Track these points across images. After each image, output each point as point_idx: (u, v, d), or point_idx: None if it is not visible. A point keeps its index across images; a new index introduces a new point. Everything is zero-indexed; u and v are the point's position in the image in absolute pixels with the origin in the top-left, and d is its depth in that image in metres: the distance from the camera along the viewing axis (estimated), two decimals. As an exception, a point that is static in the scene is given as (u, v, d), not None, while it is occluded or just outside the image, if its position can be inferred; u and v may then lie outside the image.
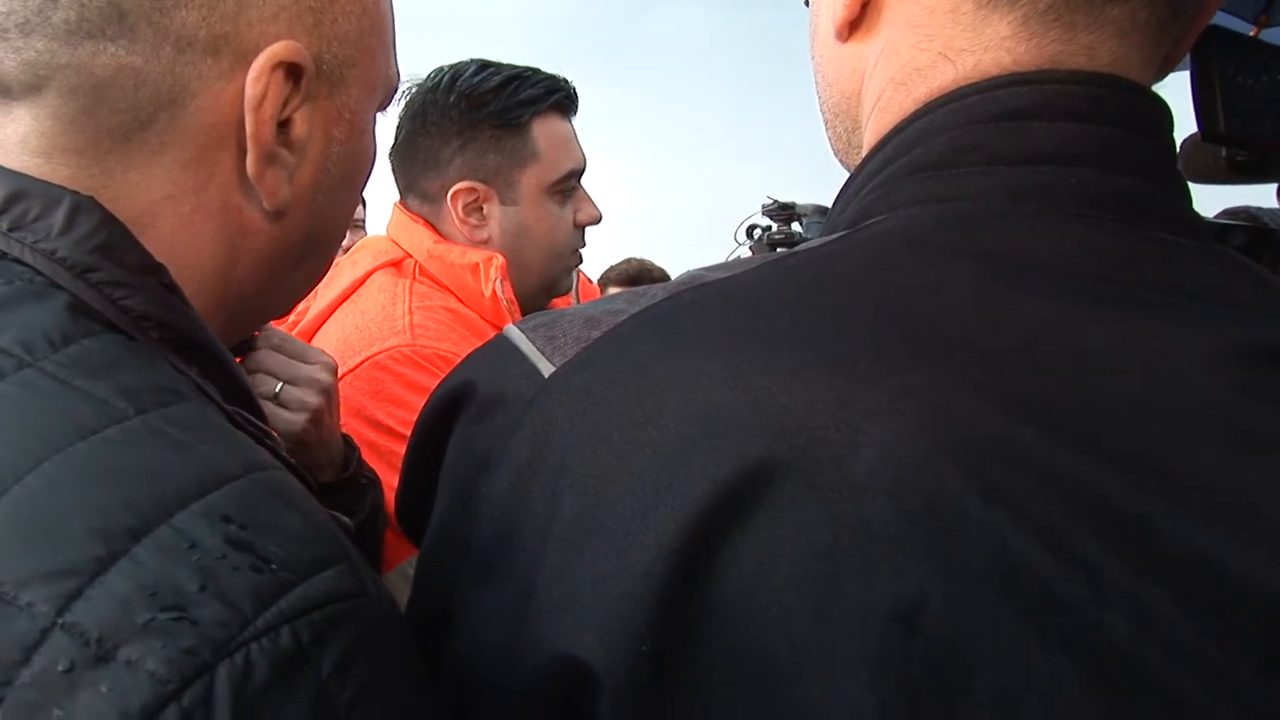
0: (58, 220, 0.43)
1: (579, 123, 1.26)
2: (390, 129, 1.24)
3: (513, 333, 0.43)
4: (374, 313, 1.10)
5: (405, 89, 1.21)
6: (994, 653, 0.31)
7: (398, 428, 1.00)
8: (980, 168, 0.42)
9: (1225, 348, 0.37)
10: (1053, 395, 0.35)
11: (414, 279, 1.16)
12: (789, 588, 0.33)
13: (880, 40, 0.48)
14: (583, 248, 1.28)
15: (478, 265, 1.15)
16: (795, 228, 2.14)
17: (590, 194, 1.26)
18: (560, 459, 0.38)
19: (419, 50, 1.22)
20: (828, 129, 0.55)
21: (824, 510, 0.33)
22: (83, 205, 0.43)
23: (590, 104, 1.28)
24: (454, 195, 1.18)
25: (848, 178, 0.50)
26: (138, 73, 0.44)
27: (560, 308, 0.44)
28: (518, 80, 1.18)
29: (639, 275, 3.06)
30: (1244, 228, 0.63)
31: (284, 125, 0.48)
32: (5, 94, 0.44)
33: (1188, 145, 1.01)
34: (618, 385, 0.38)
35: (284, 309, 0.61)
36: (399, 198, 1.25)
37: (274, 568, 0.33)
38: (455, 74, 1.19)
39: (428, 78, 1.21)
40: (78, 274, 0.42)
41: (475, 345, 1.13)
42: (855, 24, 0.49)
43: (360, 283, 1.17)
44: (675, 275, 0.46)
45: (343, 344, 1.07)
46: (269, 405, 0.79)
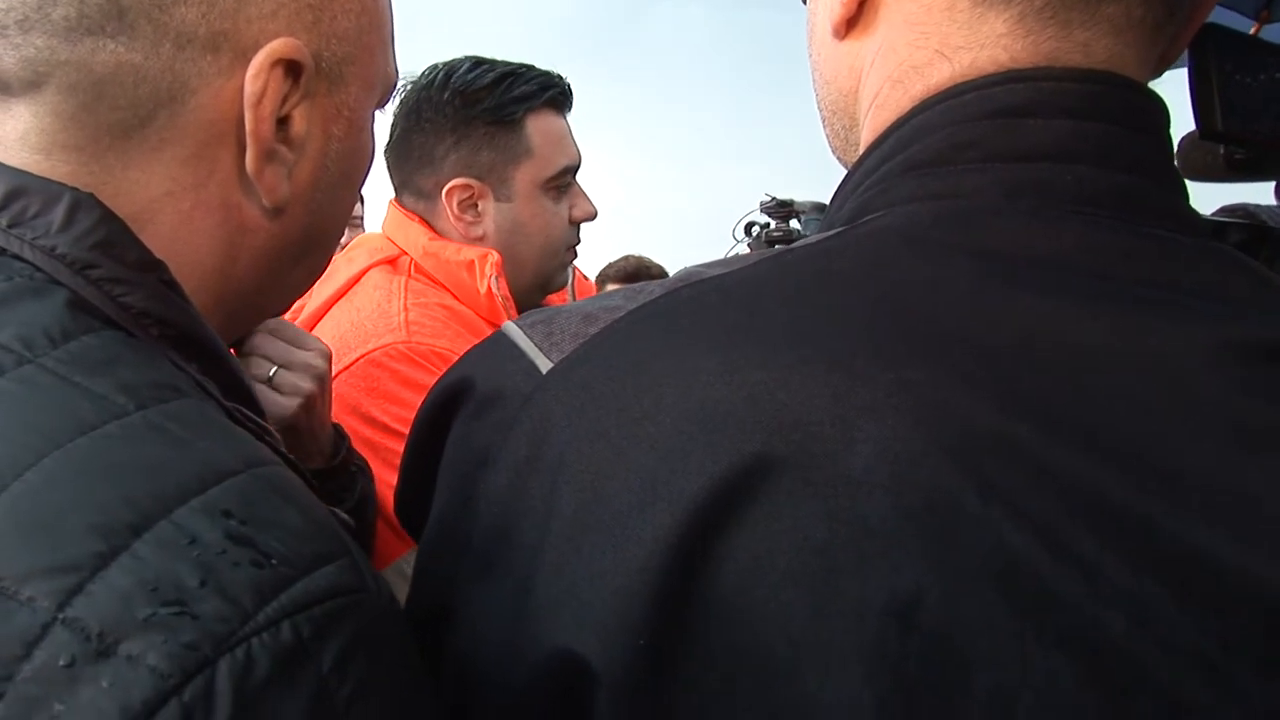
0: (57, 217, 0.43)
1: (578, 121, 1.25)
2: (386, 127, 1.24)
3: (511, 329, 0.43)
4: (369, 310, 1.10)
5: (401, 86, 1.21)
6: (990, 649, 0.31)
7: (393, 425, 1.00)
8: (977, 164, 0.42)
9: (1222, 344, 0.37)
10: (1049, 392, 0.35)
11: (409, 276, 1.16)
12: (786, 583, 0.33)
13: (877, 38, 0.48)
14: (578, 244, 1.28)
15: (473, 262, 1.15)
16: (794, 225, 2.14)
17: (587, 191, 1.26)
18: (558, 455, 0.38)
19: (418, 49, 1.22)
20: (825, 127, 0.55)
21: (820, 505, 0.33)
22: (82, 202, 0.43)
23: (590, 103, 1.28)
24: (449, 192, 1.18)
25: (845, 175, 0.50)
26: (137, 69, 0.44)
27: (558, 305, 0.44)
28: (511, 77, 1.18)
29: (637, 272, 3.05)
30: (1241, 225, 0.63)
31: (283, 122, 0.49)
32: (5, 91, 0.44)
33: (1186, 143, 1.01)
34: (615, 381, 0.38)
35: (283, 306, 0.61)
36: (394, 195, 1.25)
37: (274, 563, 0.33)
38: (449, 71, 1.18)
39: (422, 75, 1.21)
40: (77, 270, 0.42)
41: (471, 342, 1.13)
42: (852, 22, 0.49)
43: (356, 280, 1.17)
44: (673, 272, 0.46)
45: (338, 341, 1.06)
46: (262, 388, 0.79)
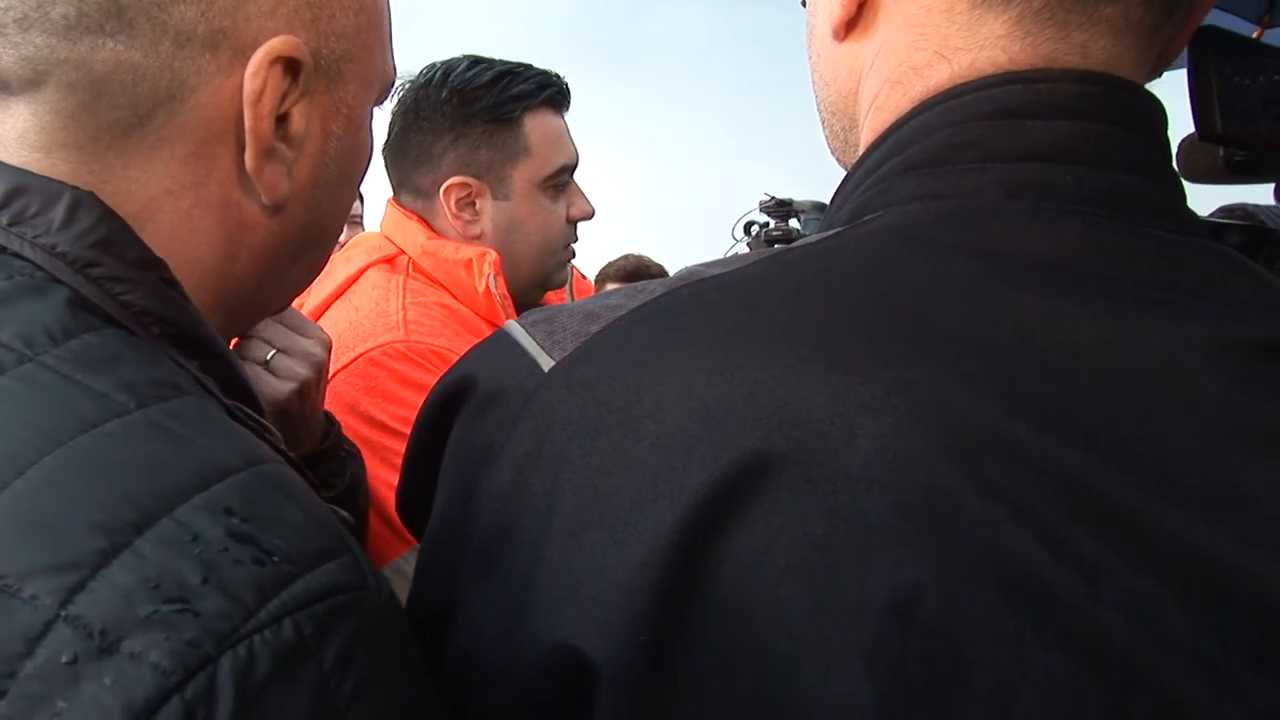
0: (58, 215, 0.43)
1: (577, 120, 1.25)
2: (384, 125, 1.24)
3: (513, 328, 0.43)
4: (368, 309, 1.10)
5: (399, 85, 1.21)
6: (989, 647, 0.31)
7: (392, 423, 1.00)
8: (976, 165, 0.42)
9: (1222, 344, 0.37)
10: (1049, 391, 0.35)
11: (408, 275, 1.16)
12: (786, 579, 0.33)
13: (877, 40, 0.48)
14: (575, 243, 1.28)
15: (471, 261, 1.15)
16: (793, 224, 2.14)
17: (586, 190, 1.26)
18: (560, 452, 0.38)
19: (416, 47, 1.22)
20: (825, 128, 0.56)
21: (820, 502, 0.33)
22: (82, 200, 0.43)
23: (589, 102, 1.28)
24: (446, 190, 1.18)
25: (845, 175, 0.50)
26: (136, 68, 0.44)
27: (557, 304, 0.45)
28: (509, 75, 1.18)
29: (637, 271, 3.05)
30: (1241, 226, 0.63)
31: (282, 120, 0.49)
32: (4, 89, 0.44)
33: (1186, 145, 1.01)
34: (617, 379, 0.38)
35: (282, 304, 0.61)
36: (392, 194, 1.25)
37: (276, 560, 0.33)
38: (447, 70, 1.19)
39: (420, 74, 1.21)
40: (78, 269, 0.42)
41: (469, 341, 1.13)
42: (852, 24, 0.49)
43: (354, 279, 1.16)
44: (673, 271, 0.46)
45: (336, 340, 1.06)
46: (257, 370, 0.79)
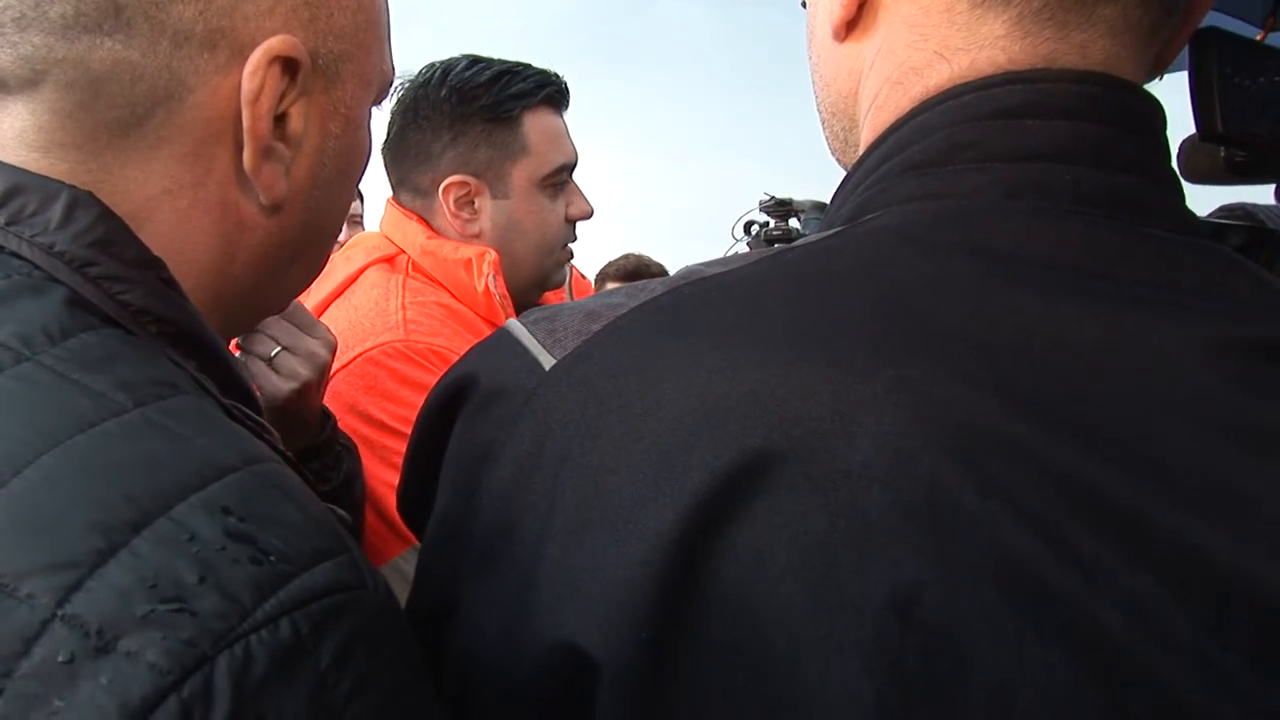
0: (55, 214, 0.43)
1: (579, 119, 1.26)
2: (384, 124, 1.24)
3: (514, 326, 0.43)
4: (367, 308, 1.10)
5: (398, 85, 1.21)
6: (989, 645, 0.31)
7: (391, 423, 1.00)
8: (976, 165, 0.42)
9: (1222, 344, 0.37)
10: (1049, 390, 0.35)
11: (407, 275, 1.16)
12: (786, 577, 0.33)
13: (877, 40, 0.48)
14: (574, 242, 1.28)
15: (470, 260, 1.15)
16: (793, 224, 2.15)
17: (587, 190, 1.27)
18: (561, 450, 0.38)
19: (415, 47, 1.23)
20: (825, 128, 0.56)
21: (820, 500, 0.33)
22: (80, 200, 0.43)
23: (590, 102, 1.29)
24: (445, 189, 1.18)
25: (845, 175, 0.50)
26: (134, 67, 0.44)
27: (557, 303, 0.45)
28: (509, 74, 1.18)
29: (637, 271, 3.05)
30: (1241, 227, 0.63)
31: (280, 120, 0.48)
32: (2, 89, 0.44)
33: (1187, 146, 1.01)
34: (618, 378, 0.38)
35: (281, 304, 0.61)
36: (392, 194, 1.25)
37: (273, 559, 0.33)
38: (446, 69, 1.19)
39: (419, 73, 1.21)
40: (76, 268, 0.42)
41: (469, 341, 1.13)
42: (852, 24, 0.49)
43: (353, 279, 1.16)
44: (674, 271, 0.46)
45: (336, 340, 1.07)
46: (260, 366, 0.80)
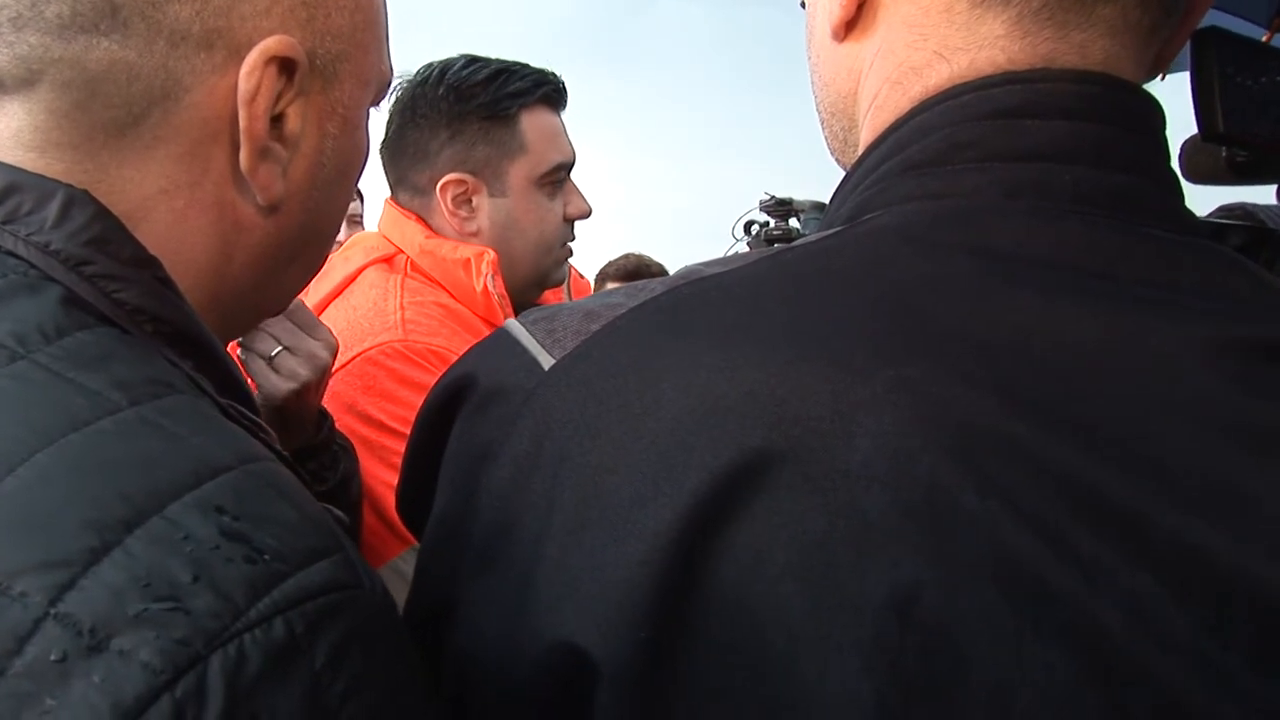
0: (51, 213, 0.43)
1: (579, 120, 1.26)
2: (381, 124, 1.24)
3: (513, 326, 0.43)
4: (366, 308, 1.10)
5: (396, 86, 1.21)
6: (988, 645, 0.31)
7: (390, 423, 1.00)
8: (975, 164, 0.42)
9: (1222, 344, 0.37)
10: (1048, 390, 0.35)
11: (406, 274, 1.16)
12: (785, 577, 0.33)
13: (876, 40, 0.48)
14: (573, 241, 1.28)
15: (469, 260, 1.15)
16: (793, 224, 2.15)
17: (586, 190, 1.27)
18: (560, 450, 0.38)
19: (415, 48, 1.23)
20: (824, 128, 0.55)
21: (819, 500, 0.33)
22: (76, 199, 0.43)
23: (590, 102, 1.29)
24: (443, 187, 1.18)
25: (844, 175, 0.50)
26: (131, 67, 0.44)
27: (556, 303, 0.45)
28: (506, 73, 1.19)
29: (637, 270, 3.05)
30: (1242, 227, 0.63)
31: (277, 120, 0.48)
32: None
33: (1188, 146, 1.01)
34: (616, 378, 0.38)
35: (279, 305, 0.61)
36: (390, 193, 1.26)
37: (267, 558, 0.33)
38: (444, 68, 1.19)
39: (417, 73, 1.22)
40: (71, 267, 0.42)
41: (467, 341, 1.13)
42: (851, 24, 0.49)
43: (352, 279, 1.17)
44: (673, 271, 0.46)
45: (338, 342, 1.07)
46: (260, 364, 0.80)
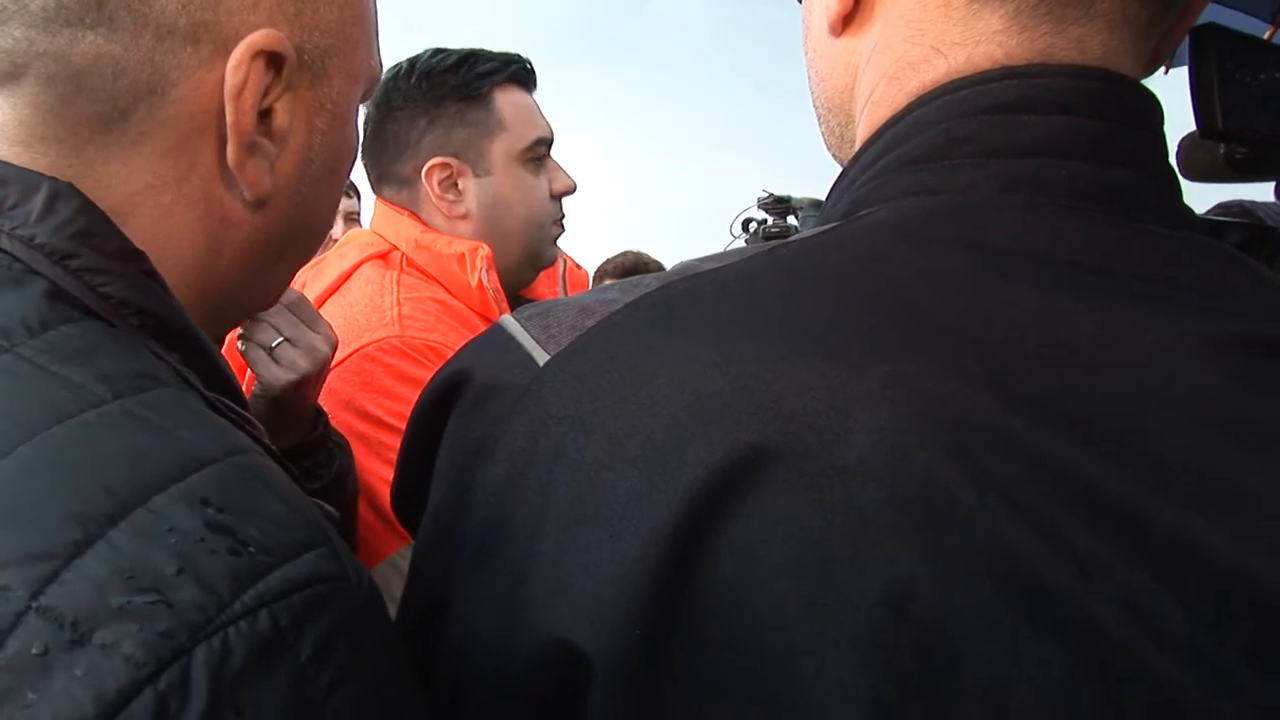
0: (36, 206, 0.42)
1: (578, 119, 1.30)
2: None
3: (508, 322, 0.43)
4: (362, 305, 1.10)
5: (376, 84, 1.22)
6: (984, 640, 0.31)
7: (386, 419, 1.01)
8: (972, 160, 0.42)
9: (1220, 340, 0.37)
10: (1045, 385, 0.35)
11: (401, 270, 1.16)
12: (781, 573, 0.33)
13: (873, 35, 0.48)
14: (562, 218, 1.29)
15: (464, 255, 1.16)
16: (791, 221, 2.15)
17: (586, 189, 1.28)
18: (555, 446, 0.38)
19: (416, 49, 1.24)
20: (821, 124, 0.55)
21: (815, 496, 0.33)
22: (61, 192, 0.43)
23: (590, 102, 1.30)
24: (428, 173, 1.19)
25: (841, 171, 0.49)
26: (116, 61, 0.44)
27: (549, 284, 0.44)
28: (473, 57, 1.20)
29: (635, 267, 3.06)
30: (1240, 225, 0.63)
31: (265, 115, 0.48)
32: None
33: (1187, 143, 1.01)
34: (612, 373, 0.38)
35: (268, 300, 0.60)
36: (376, 192, 1.26)
37: (252, 551, 0.33)
38: (413, 61, 1.22)
39: (387, 71, 1.22)
40: (56, 260, 0.42)
41: (463, 336, 1.13)
42: (848, 19, 0.49)
43: (347, 275, 1.17)
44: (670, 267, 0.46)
45: (338, 338, 1.07)
46: (260, 355, 0.81)
